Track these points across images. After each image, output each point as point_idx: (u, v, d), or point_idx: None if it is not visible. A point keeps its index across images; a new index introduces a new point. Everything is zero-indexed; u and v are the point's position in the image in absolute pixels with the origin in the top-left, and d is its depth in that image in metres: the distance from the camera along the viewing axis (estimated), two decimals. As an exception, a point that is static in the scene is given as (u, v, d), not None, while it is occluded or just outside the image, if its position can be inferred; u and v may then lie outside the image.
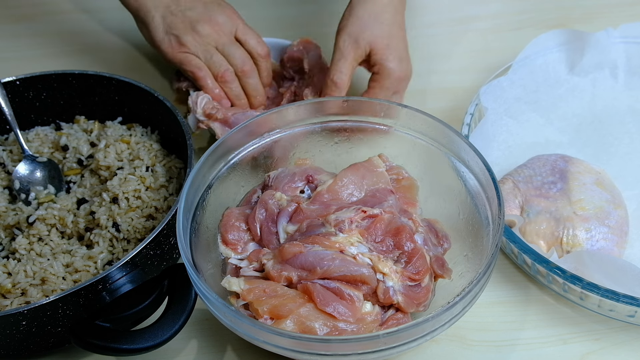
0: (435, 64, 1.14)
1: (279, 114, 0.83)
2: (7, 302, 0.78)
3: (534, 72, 1.00)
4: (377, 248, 0.73)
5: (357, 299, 0.70)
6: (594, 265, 0.76)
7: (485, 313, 0.80)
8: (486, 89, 0.95)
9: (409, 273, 0.72)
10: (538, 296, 0.82)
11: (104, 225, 0.84)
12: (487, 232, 0.74)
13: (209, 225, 0.78)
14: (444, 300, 0.69)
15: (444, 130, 0.79)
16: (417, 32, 1.19)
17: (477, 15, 1.23)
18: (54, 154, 0.96)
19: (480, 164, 0.75)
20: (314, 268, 0.70)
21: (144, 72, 1.12)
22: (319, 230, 0.73)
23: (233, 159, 0.82)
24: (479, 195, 0.76)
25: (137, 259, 0.75)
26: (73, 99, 1.00)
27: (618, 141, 0.95)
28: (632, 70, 1.02)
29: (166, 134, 0.97)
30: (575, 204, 0.84)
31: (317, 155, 0.86)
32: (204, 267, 0.74)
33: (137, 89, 0.95)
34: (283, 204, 0.78)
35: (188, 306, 0.71)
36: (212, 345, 0.79)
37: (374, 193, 0.78)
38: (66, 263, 0.82)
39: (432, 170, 0.82)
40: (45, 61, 1.17)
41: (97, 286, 0.72)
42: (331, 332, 0.68)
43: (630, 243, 0.84)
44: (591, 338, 0.78)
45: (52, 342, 0.76)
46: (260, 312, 0.68)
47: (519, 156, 0.93)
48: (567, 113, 1.00)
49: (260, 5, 1.26)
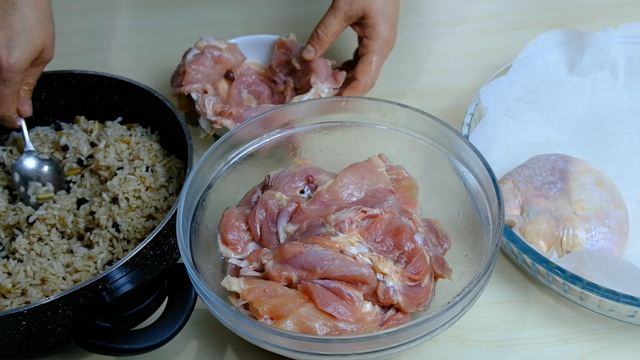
0: (436, 64, 1.14)
1: (279, 114, 0.83)
2: (7, 302, 0.78)
3: (534, 72, 1.00)
4: (377, 248, 0.73)
5: (357, 299, 0.70)
6: (594, 265, 0.76)
7: (485, 313, 0.80)
8: (486, 89, 0.95)
9: (409, 273, 0.72)
10: (538, 296, 0.82)
11: (104, 225, 0.84)
12: (487, 232, 0.74)
13: (209, 225, 0.78)
14: (444, 300, 0.69)
15: (444, 130, 0.79)
16: (417, 32, 1.19)
17: (477, 15, 1.23)
18: (54, 154, 0.96)
19: (480, 164, 0.75)
20: (314, 268, 0.70)
21: (144, 72, 1.12)
22: (319, 231, 0.73)
23: (233, 159, 0.82)
24: (479, 195, 0.76)
25: (137, 259, 0.75)
26: (73, 99, 1.00)
27: (618, 141, 0.95)
28: (632, 70, 1.02)
29: (166, 134, 0.97)
30: (575, 204, 0.84)
31: (317, 155, 0.86)
32: (204, 267, 0.74)
33: (137, 89, 0.95)
34: (283, 204, 0.78)
35: (188, 306, 0.71)
36: (212, 345, 0.79)
37: (374, 193, 0.78)
38: (66, 263, 0.82)
39: (432, 170, 0.82)
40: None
41: (97, 286, 0.72)
42: (331, 332, 0.68)
43: (630, 243, 0.84)
44: (591, 338, 0.78)
45: (52, 342, 0.76)
46: (260, 312, 0.68)
47: (519, 156, 0.93)
48: (567, 113, 1.00)
49: (261, 5, 1.26)
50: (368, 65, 0.97)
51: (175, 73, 1.03)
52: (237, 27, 1.18)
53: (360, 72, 0.97)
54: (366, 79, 0.97)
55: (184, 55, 1.03)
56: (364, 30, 0.97)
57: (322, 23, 0.96)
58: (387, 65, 1.13)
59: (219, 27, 1.01)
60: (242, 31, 1.09)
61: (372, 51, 0.96)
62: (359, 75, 0.97)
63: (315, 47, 0.97)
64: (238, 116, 0.93)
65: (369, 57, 0.97)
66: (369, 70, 0.97)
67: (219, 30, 1.01)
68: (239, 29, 1.11)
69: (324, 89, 0.97)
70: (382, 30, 0.96)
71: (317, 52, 0.98)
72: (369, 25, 0.96)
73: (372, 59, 0.97)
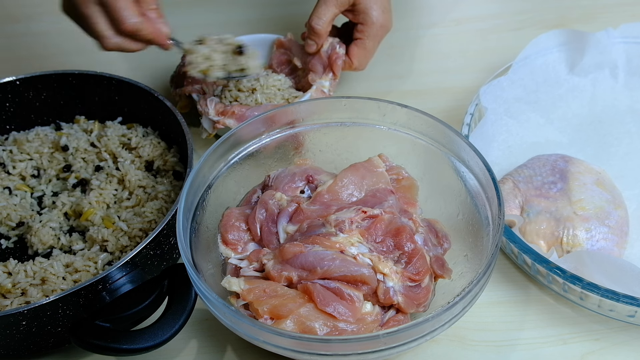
0: (435, 64, 1.14)
1: (279, 113, 0.83)
2: (7, 302, 0.78)
3: (534, 72, 1.00)
4: (378, 248, 0.73)
5: (357, 299, 0.70)
6: (594, 265, 0.76)
7: (485, 313, 0.80)
8: (486, 89, 0.95)
9: (409, 273, 0.71)
10: (538, 296, 0.82)
11: (104, 225, 0.84)
12: (487, 232, 0.74)
13: (209, 225, 0.78)
14: (444, 300, 0.69)
15: (444, 130, 0.79)
16: (417, 32, 1.19)
17: (477, 15, 1.23)
18: (54, 154, 0.96)
19: (480, 164, 0.75)
20: (314, 268, 0.70)
21: (144, 72, 1.12)
22: (319, 231, 0.73)
23: (233, 159, 0.82)
24: (479, 195, 0.76)
25: (137, 259, 0.75)
26: (73, 99, 1.00)
27: (618, 141, 0.95)
28: (632, 70, 1.02)
29: (166, 134, 0.97)
30: (575, 204, 0.84)
31: (317, 155, 0.86)
32: (204, 267, 0.74)
33: (137, 89, 0.95)
34: (283, 204, 0.78)
35: (188, 306, 0.71)
36: (212, 345, 0.79)
37: (374, 193, 0.78)
38: (66, 263, 0.82)
39: (432, 170, 0.82)
40: (45, 61, 1.17)
41: (97, 286, 0.72)
42: (331, 332, 0.68)
43: (630, 243, 0.84)
44: (591, 338, 0.78)
45: (52, 342, 0.76)
46: (260, 312, 0.68)
47: (519, 156, 0.93)
48: (567, 113, 1.00)
49: (260, 5, 1.26)
50: (362, 49, 0.98)
51: (174, 73, 1.03)
52: (237, 27, 1.18)
53: (354, 55, 0.98)
54: (360, 62, 0.99)
55: (183, 55, 1.03)
56: (356, 17, 0.98)
57: (314, 15, 0.97)
58: (387, 65, 1.13)
59: (218, 27, 1.01)
60: (242, 31, 1.09)
61: (367, 36, 0.97)
62: (353, 57, 0.98)
63: (315, 40, 0.98)
64: (240, 115, 0.93)
65: (364, 42, 0.98)
66: (363, 54, 0.99)
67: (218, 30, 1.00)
68: (239, 29, 1.11)
69: (324, 83, 0.97)
70: (375, 15, 0.96)
71: (318, 44, 0.98)
72: (361, 11, 0.96)
73: (367, 44, 0.98)
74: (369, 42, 0.98)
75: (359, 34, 0.98)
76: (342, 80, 1.07)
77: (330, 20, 0.96)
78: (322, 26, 0.96)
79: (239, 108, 0.93)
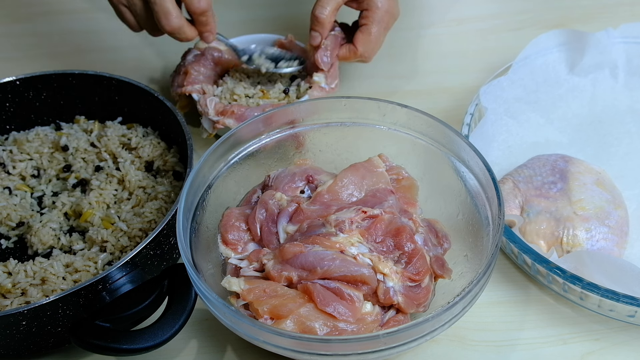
0: (435, 64, 1.14)
1: (279, 113, 0.83)
2: (7, 302, 0.78)
3: (534, 72, 1.00)
4: (378, 248, 0.73)
5: (357, 299, 0.70)
6: (594, 265, 0.76)
7: (485, 313, 0.80)
8: (486, 89, 0.95)
9: (409, 273, 0.71)
10: (538, 296, 0.82)
11: (104, 225, 0.84)
12: (487, 232, 0.74)
13: (209, 225, 0.78)
14: (444, 300, 0.69)
15: (444, 130, 0.79)
16: (417, 32, 1.19)
17: (477, 15, 1.23)
18: (54, 154, 0.96)
19: (480, 164, 0.75)
20: (314, 268, 0.70)
21: (144, 72, 1.12)
22: (320, 231, 0.73)
23: (233, 159, 0.82)
24: (479, 195, 0.76)
25: (137, 259, 0.75)
26: (73, 99, 1.00)
27: (618, 141, 0.95)
28: (632, 70, 1.02)
29: (166, 134, 0.97)
30: (575, 204, 0.84)
31: (317, 155, 0.86)
32: (204, 267, 0.74)
33: (137, 89, 0.95)
34: (283, 204, 0.78)
35: (188, 306, 0.71)
36: (212, 345, 0.79)
37: (374, 193, 0.78)
38: (66, 263, 0.82)
39: (432, 170, 0.82)
40: (45, 61, 1.17)
41: (97, 286, 0.72)
42: (331, 332, 0.68)
43: (630, 243, 0.84)
44: (591, 338, 0.78)
45: (52, 342, 0.76)
46: (260, 312, 0.68)
47: (519, 156, 0.93)
48: (567, 113, 1.00)
49: (259, 6, 1.26)
50: (367, 35, 0.95)
51: (174, 73, 1.03)
52: (237, 27, 1.18)
53: (358, 40, 0.96)
54: (364, 48, 0.96)
55: (183, 55, 1.03)
56: (360, 5, 0.95)
57: (318, 4, 0.94)
58: (387, 65, 1.13)
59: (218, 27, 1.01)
60: (241, 31, 1.09)
61: (372, 21, 0.95)
62: (357, 43, 0.96)
63: (319, 31, 0.95)
64: (240, 115, 0.93)
65: (369, 27, 0.95)
66: (368, 40, 0.96)
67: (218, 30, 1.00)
68: (239, 29, 1.11)
69: (319, 79, 0.97)
70: (379, 0, 0.94)
71: (322, 35, 0.96)
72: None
73: (372, 29, 0.95)
74: (374, 28, 0.94)
75: (363, 20, 0.95)
76: (343, 80, 1.07)
77: (334, 9, 0.94)
78: (326, 15, 0.93)
79: (238, 108, 0.94)
